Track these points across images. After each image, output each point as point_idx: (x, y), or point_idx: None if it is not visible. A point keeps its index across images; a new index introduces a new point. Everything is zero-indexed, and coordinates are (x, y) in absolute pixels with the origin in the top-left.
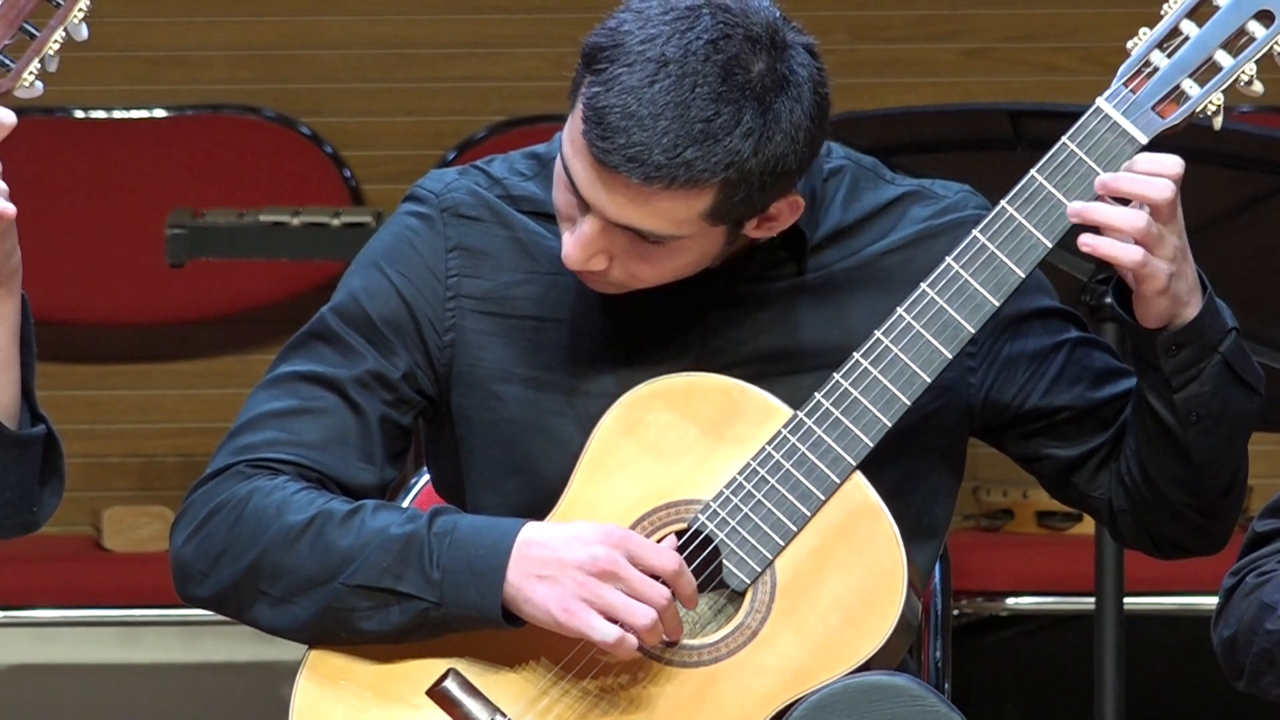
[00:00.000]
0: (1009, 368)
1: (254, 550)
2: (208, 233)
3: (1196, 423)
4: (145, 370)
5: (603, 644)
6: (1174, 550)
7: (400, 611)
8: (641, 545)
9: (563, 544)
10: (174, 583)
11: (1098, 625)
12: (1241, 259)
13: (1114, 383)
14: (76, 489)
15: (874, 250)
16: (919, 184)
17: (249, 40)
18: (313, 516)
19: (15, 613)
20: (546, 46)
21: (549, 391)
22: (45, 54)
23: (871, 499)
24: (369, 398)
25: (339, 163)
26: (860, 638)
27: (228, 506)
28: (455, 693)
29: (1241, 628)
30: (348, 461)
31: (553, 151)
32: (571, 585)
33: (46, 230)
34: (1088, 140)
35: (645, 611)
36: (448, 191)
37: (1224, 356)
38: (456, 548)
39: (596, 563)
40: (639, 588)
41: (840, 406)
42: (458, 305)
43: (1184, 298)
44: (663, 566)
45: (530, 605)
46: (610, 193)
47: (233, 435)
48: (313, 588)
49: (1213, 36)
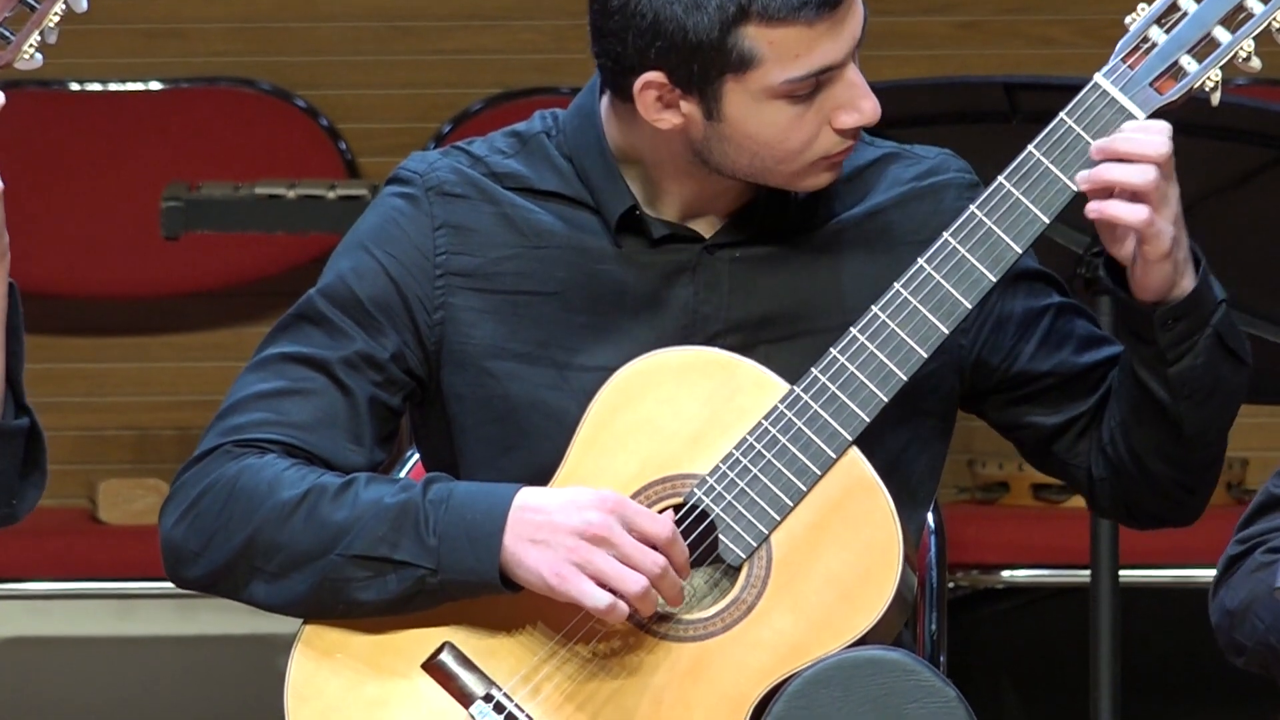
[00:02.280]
0: (999, 328)
1: (247, 528)
2: (203, 205)
3: (1189, 396)
4: (141, 343)
5: (594, 610)
6: (1149, 521)
7: (397, 580)
8: (636, 512)
9: (558, 509)
10: (165, 565)
11: (1093, 598)
12: (1239, 232)
13: (1097, 349)
14: (72, 461)
15: (858, 211)
16: (897, 146)
17: (245, 13)
18: (306, 491)
19: (11, 585)
20: (542, 19)
21: (541, 366)
22: (45, 26)
23: (868, 474)
24: (358, 379)
25: (335, 135)
26: (856, 613)
27: (218, 486)
28: (450, 665)
29: (1246, 608)
30: (337, 442)
31: (532, 129)
32: (564, 550)
33: (42, 203)
34: (1085, 116)
35: (636, 578)
36: (431, 171)
37: (1216, 329)
38: (453, 514)
39: (590, 527)
40: (631, 554)
41: (837, 381)
42: (447, 283)
43: (1182, 267)
44: (656, 533)
45: (523, 569)
46: (849, 14)
47: (221, 416)
48: (308, 562)
49: (1211, 12)
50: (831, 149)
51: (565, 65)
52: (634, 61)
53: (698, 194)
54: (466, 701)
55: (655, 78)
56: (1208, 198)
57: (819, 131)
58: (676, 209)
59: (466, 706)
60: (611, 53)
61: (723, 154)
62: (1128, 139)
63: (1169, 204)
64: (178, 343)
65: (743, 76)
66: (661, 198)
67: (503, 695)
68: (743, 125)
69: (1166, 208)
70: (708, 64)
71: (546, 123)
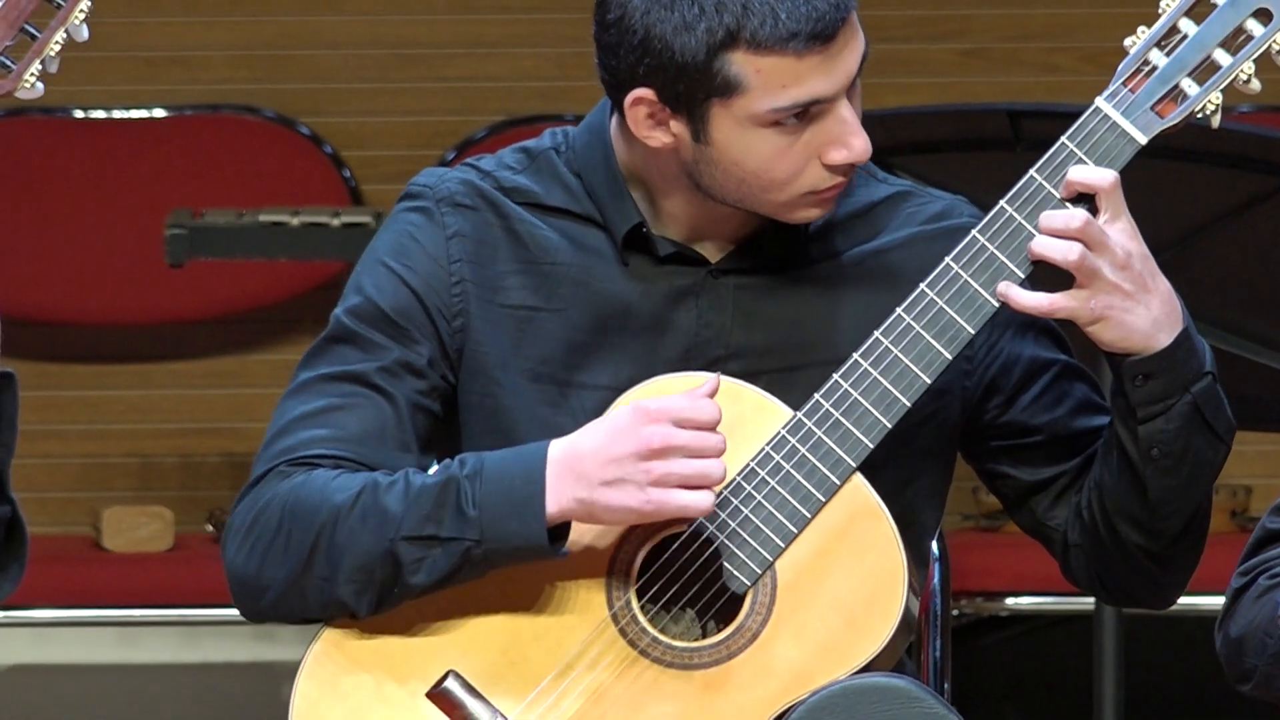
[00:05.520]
0: (1006, 370)
1: (308, 537)
2: (207, 233)
3: (1157, 459)
4: (144, 370)
5: (698, 513)
6: (1122, 597)
7: (445, 555)
8: (681, 407)
9: (607, 442)
10: (235, 601)
11: (1097, 625)
12: (1242, 259)
13: (1091, 416)
14: (76, 489)
15: (867, 248)
16: (910, 185)
17: (248, 40)
18: (360, 490)
19: (15, 613)
20: (546, 46)
21: (543, 383)
22: (46, 55)
23: (872, 500)
24: (399, 385)
25: (338, 163)
26: (861, 639)
27: (272, 505)
28: (456, 694)
29: (1252, 629)
30: (386, 452)
31: (542, 146)
32: (639, 475)
33: (46, 230)
34: (1087, 140)
35: (716, 465)
36: (441, 184)
37: (1195, 398)
38: (489, 483)
39: (649, 443)
40: (699, 447)
41: (840, 408)
42: (463, 290)
43: (1145, 330)
44: (708, 418)
45: (609, 513)
46: (844, 50)
47: (269, 444)
48: (369, 558)
49: (1211, 35)
50: (819, 184)
51: (568, 93)
52: (626, 76)
53: (698, 217)
54: None
55: (645, 94)
56: (1210, 225)
57: (806, 165)
58: (681, 230)
59: None
60: (609, 66)
61: (711, 178)
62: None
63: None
64: (181, 370)
65: (728, 102)
66: (665, 218)
67: None
68: (729, 151)
69: (1099, 280)
70: (694, 86)
71: (556, 139)
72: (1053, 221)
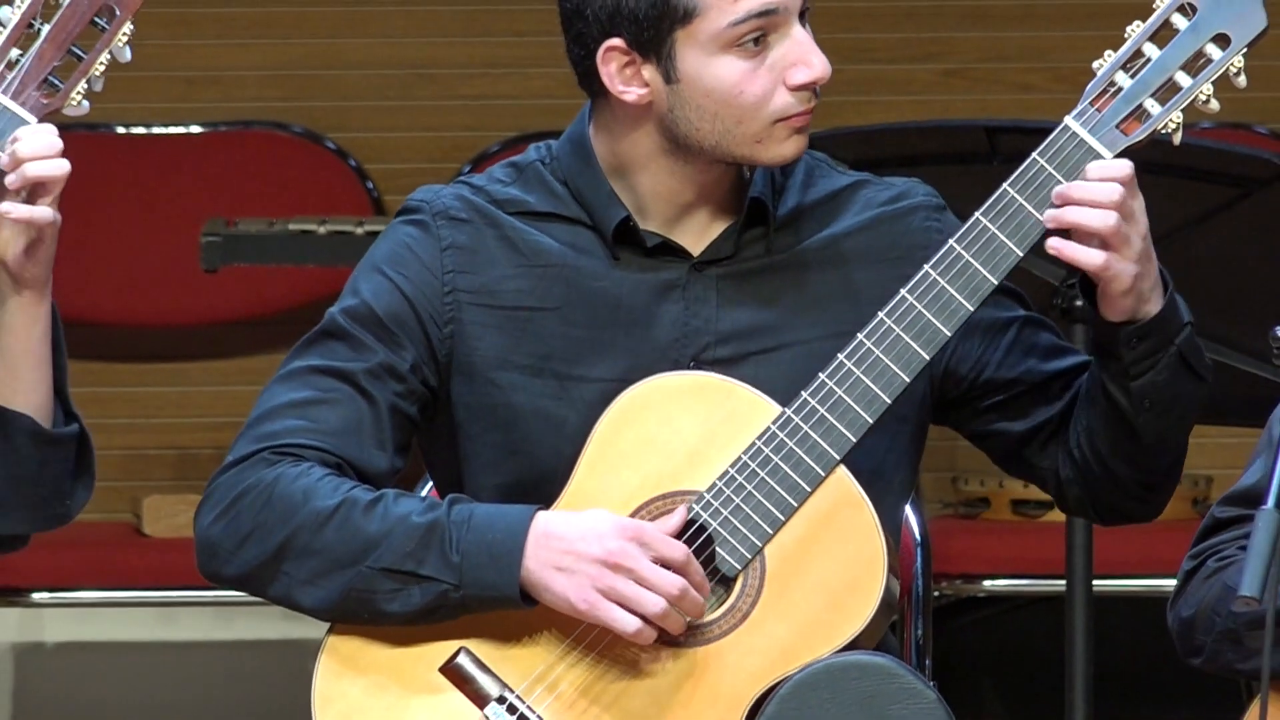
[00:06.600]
0: (966, 338)
1: (282, 532)
2: (240, 240)
3: (1150, 409)
4: (181, 369)
5: (623, 634)
6: (1114, 517)
7: (421, 593)
8: (653, 537)
9: (579, 537)
10: (198, 562)
11: (1068, 605)
12: (1202, 265)
13: (1062, 357)
14: (118, 479)
15: (834, 231)
16: (868, 175)
17: (278, 61)
18: (340, 503)
19: (61, 594)
20: (555, 67)
21: (543, 378)
22: (92, 75)
23: (854, 491)
24: (381, 388)
25: (362, 175)
26: (844, 620)
27: (255, 490)
28: (466, 669)
29: (1202, 608)
30: (363, 447)
31: (528, 159)
32: (588, 578)
33: (90, 238)
34: (1056, 156)
35: (656, 600)
36: (437, 199)
37: (1180, 348)
38: (474, 533)
39: (611, 555)
40: (650, 578)
41: (825, 404)
42: (455, 299)
43: (1147, 295)
44: (672, 556)
45: (550, 594)
46: None
47: (252, 424)
48: (338, 570)
49: (1173, 58)
50: (788, 109)
51: (577, 110)
52: (596, 34)
53: (679, 192)
54: (481, 703)
55: (616, 43)
56: (1174, 233)
57: (774, 89)
58: (664, 217)
59: (481, 708)
60: (579, 37)
61: (687, 121)
62: (1084, 187)
63: (1130, 244)
64: (216, 368)
65: (690, 28)
66: (649, 209)
67: (515, 697)
68: (699, 82)
69: (1128, 247)
70: (658, 19)
71: (540, 153)
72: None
